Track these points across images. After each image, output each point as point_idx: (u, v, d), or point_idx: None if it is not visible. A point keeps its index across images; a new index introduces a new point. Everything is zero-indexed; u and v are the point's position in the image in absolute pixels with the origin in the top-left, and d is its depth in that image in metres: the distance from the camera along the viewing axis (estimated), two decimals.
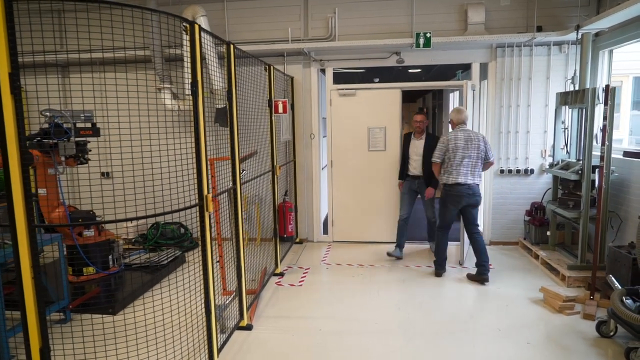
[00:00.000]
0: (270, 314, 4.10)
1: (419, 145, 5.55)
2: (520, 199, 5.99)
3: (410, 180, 5.66)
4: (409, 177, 5.67)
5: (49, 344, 2.40)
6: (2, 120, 2.16)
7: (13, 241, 2.28)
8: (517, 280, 4.79)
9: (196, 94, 2.80)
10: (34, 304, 2.33)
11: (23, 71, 6.50)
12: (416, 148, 5.56)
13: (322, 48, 5.99)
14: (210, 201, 2.90)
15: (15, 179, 2.23)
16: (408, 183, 5.67)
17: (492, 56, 5.92)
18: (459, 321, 3.87)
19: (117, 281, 4.71)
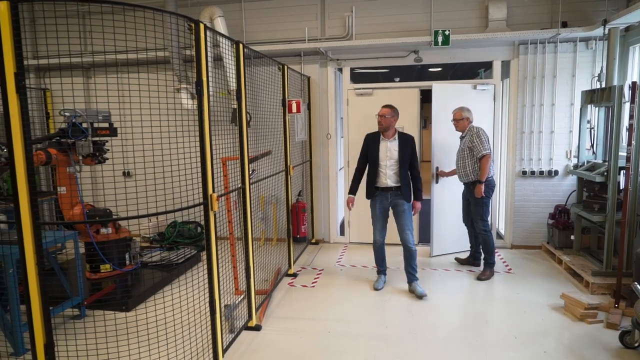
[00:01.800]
0: (280, 314, 4.07)
1: (391, 148, 4.43)
2: (544, 202, 5.77)
3: (381, 194, 4.46)
4: (378, 191, 4.47)
5: (53, 340, 2.43)
6: (8, 119, 2.21)
7: (19, 239, 2.32)
8: (537, 286, 4.61)
9: (201, 93, 2.79)
10: (38, 301, 2.37)
11: (49, 73, 6.71)
12: (389, 151, 4.43)
13: (339, 47, 5.94)
14: (215, 200, 2.89)
15: (20, 177, 2.27)
16: (377, 200, 4.49)
17: (514, 54, 5.72)
18: (472, 326, 3.75)
19: (132, 279, 4.78)
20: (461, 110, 4.92)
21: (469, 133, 4.86)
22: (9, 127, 2.22)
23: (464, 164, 4.89)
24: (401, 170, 4.38)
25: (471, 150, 4.80)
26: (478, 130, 4.79)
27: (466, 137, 4.89)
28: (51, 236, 3.78)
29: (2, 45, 2.15)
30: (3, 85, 2.18)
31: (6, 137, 2.25)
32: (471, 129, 4.86)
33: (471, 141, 4.79)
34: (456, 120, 4.96)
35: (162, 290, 4.57)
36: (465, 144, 4.88)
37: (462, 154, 4.92)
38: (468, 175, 4.86)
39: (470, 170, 4.83)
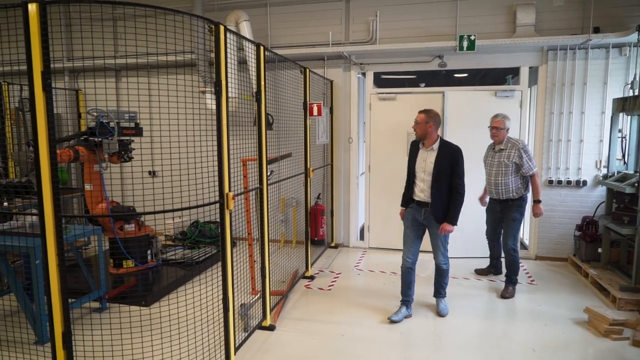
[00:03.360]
0: (295, 316, 4.08)
1: (428, 159, 3.87)
2: (571, 212, 5.59)
3: (415, 208, 3.97)
4: (414, 204, 4.00)
5: (71, 329, 2.52)
6: (35, 116, 2.31)
7: (41, 230, 2.42)
8: (561, 299, 4.46)
9: (219, 94, 2.85)
10: (58, 290, 2.46)
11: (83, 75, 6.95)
12: (424, 162, 3.89)
13: (362, 51, 5.94)
14: (230, 199, 2.93)
15: (44, 171, 2.36)
16: (411, 212, 4.01)
17: (542, 60, 5.59)
18: (489, 337, 3.66)
19: (153, 275, 4.90)
20: (504, 118, 4.42)
21: (512, 147, 4.38)
22: (36, 123, 2.33)
23: (507, 180, 4.40)
24: (435, 186, 3.78)
25: (518, 167, 4.35)
26: (524, 145, 4.37)
27: (509, 151, 4.38)
28: (78, 230, 3.92)
29: (31, 45, 2.26)
30: (31, 84, 2.29)
31: (33, 135, 2.36)
32: (514, 142, 4.39)
33: (519, 157, 4.32)
34: (496, 129, 4.41)
35: (184, 288, 4.65)
36: (509, 159, 4.36)
37: (504, 169, 4.40)
38: (510, 192, 4.41)
39: (513, 188, 4.39)
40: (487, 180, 4.62)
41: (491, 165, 4.53)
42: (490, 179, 4.55)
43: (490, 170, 4.55)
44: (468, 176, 3.93)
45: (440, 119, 3.97)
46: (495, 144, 4.51)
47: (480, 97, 5.72)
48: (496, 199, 4.59)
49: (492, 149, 4.57)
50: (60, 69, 6.81)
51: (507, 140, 4.43)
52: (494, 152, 4.52)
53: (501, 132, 4.44)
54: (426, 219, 3.93)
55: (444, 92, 5.85)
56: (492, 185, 4.54)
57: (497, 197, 4.55)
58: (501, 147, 4.42)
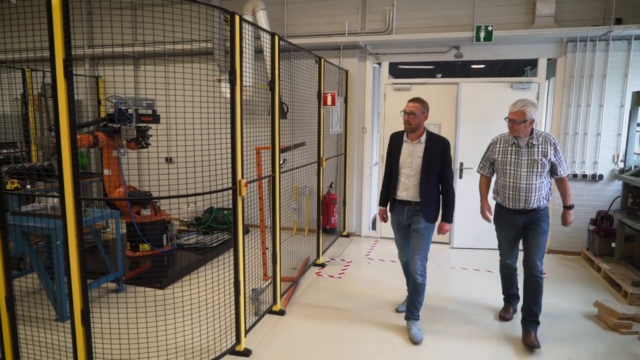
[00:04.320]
0: (305, 301, 4.16)
1: (415, 152, 3.46)
2: (586, 207, 5.53)
3: (398, 208, 3.58)
4: (397, 204, 3.59)
5: (89, 306, 2.64)
6: (56, 102, 2.40)
7: (62, 212, 2.53)
8: (572, 293, 4.45)
9: (234, 82, 2.91)
10: (77, 270, 2.58)
11: (103, 62, 7.10)
12: (410, 157, 3.48)
13: (378, 41, 5.93)
14: (243, 186, 3.01)
15: (65, 156, 2.46)
16: (395, 213, 3.64)
17: (561, 51, 5.49)
18: (497, 327, 3.69)
19: (169, 259, 5.04)
20: (525, 107, 3.30)
21: (545, 141, 3.37)
22: (57, 109, 2.42)
23: (541, 184, 3.38)
24: (425, 181, 3.42)
25: (554, 166, 3.40)
26: (555, 140, 3.39)
27: (543, 146, 3.37)
28: (97, 214, 4.06)
29: (53, 33, 2.34)
30: (53, 71, 2.38)
31: (55, 120, 2.46)
32: (546, 136, 3.40)
33: (555, 154, 3.35)
34: (516, 123, 3.33)
35: (197, 271, 4.77)
36: (546, 157, 3.35)
37: (539, 169, 3.37)
38: (541, 199, 3.41)
39: (546, 193, 3.43)
40: (507, 185, 3.48)
41: (517, 165, 3.42)
42: (514, 182, 3.43)
43: (514, 171, 3.43)
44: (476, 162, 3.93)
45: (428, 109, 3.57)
46: (519, 139, 3.43)
47: (495, 89, 5.67)
48: (519, 210, 3.47)
49: (514, 144, 3.45)
50: (81, 56, 6.96)
51: (537, 133, 3.40)
52: (519, 149, 3.42)
53: (523, 126, 3.33)
54: (410, 218, 3.51)
55: (458, 83, 5.81)
56: (517, 192, 3.43)
57: (522, 207, 3.44)
58: (532, 141, 3.37)
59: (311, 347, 3.35)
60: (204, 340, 3.20)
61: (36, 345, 3.02)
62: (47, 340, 3.12)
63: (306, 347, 3.35)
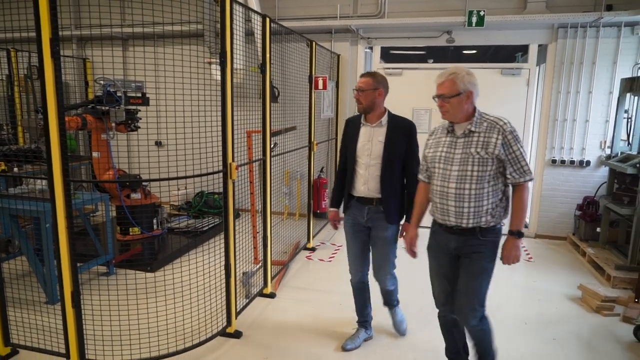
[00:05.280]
0: (295, 285, 4.21)
1: (375, 137, 2.84)
2: (573, 192, 5.62)
3: (356, 206, 2.95)
4: (354, 202, 2.96)
5: (79, 288, 2.64)
6: (44, 83, 2.36)
7: (50, 194, 2.51)
8: (557, 276, 4.54)
9: (224, 64, 2.88)
10: (67, 253, 2.57)
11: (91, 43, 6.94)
12: (369, 143, 2.85)
13: (370, 25, 5.89)
14: (234, 169, 3.00)
15: (54, 138, 2.43)
16: (352, 213, 2.99)
17: (552, 37, 5.51)
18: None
19: (159, 242, 5.03)
20: (455, 74, 2.33)
21: (491, 128, 2.29)
22: (44, 90, 2.38)
23: (478, 191, 2.29)
24: (387, 172, 2.79)
25: (502, 166, 2.29)
26: (508, 127, 2.29)
27: (486, 134, 2.28)
28: (86, 197, 4.03)
29: (39, 12, 2.29)
30: (40, 51, 2.34)
31: (42, 101, 2.42)
32: (494, 121, 2.30)
33: (506, 147, 2.26)
34: (446, 98, 2.33)
35: (188, 255, 4.78)
36: (486, 150, 2.26)
37: (475, 168, 2.27)
38: (481, 214, 2.30)
39: (489, 206, 2.30)
40: (435, 190, 2.43)
41: (447, 162, 2.36)
42: (441, 186, 2.37)
43: (444, 170, 2.37)
44: None
45: (388, 86, 2.89)
46: (455, 125, 2.37)
47: (485, 75, 5.69)
48: (452, 228, 2.39)
49: (449, 133, 2.40)
50: (68, 37, 6.82)
51: (481, 117, 2.34)
52: (455, 139, 2.36)
53: (454, 102, 2.29)
54: (371, 220, 2.89)
55: (448, 68, 5.79)
56: (445, 199, 2.36)
57: (454, 224, 2.37)
58: (470, 127, 2.31)
59: (301, 329, 3.40)
60: (194, 322, 3.23)
61: (26, 327, 3.02)
62: (38, 323, 3.12)
63: (296, 329, 3.39)
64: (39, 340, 2.94)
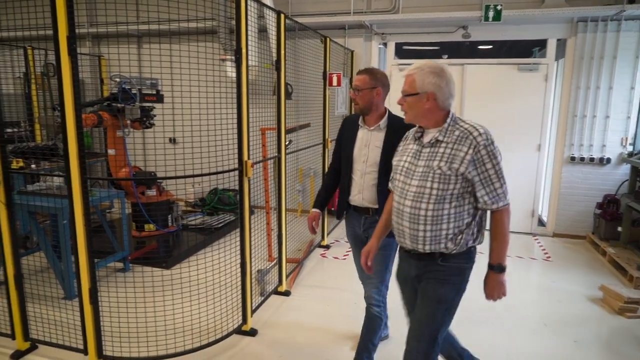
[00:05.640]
0: (310, 283, 4.18)
1: (372, 142, 2.54)
2: (593, 190, 5.50)
3: (353, 216, 2.68)
4: (351, 210, 2.69)
5: (97, 285, 2.65)
6: (61, 80, 2.37)
7: (68, 191, 2.52)
8: (576, 276, 4.45)
9: (240, 62, 2.86)
10: (85, 249, 2.58)
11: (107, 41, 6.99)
12: (366, 148, 2.56)
13: (384, 21, 5.82)
14: (249, 167, 2.98)
15: (71, 135, 2.44)
16: (349, 222, 2.74)
17: (571, 31, 5.38)
18: (499, 309, 3.69)
19: (174, 239, 5.05)
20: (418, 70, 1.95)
21: (463, 139, 1.89)
22: (62, 87, 2.39)
23: (438, 212, 1.93)
24: (384, 182, 2.38)
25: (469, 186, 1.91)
26: (490, 139, 1.89)
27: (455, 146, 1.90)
28: (102, 194, 4.06)
29: (56, 10, 2.30)
30: (57, 49, 2.34)
31: (59, 99, 2.43)
32: (465, 130, 1.91)
33: (477, 164, 1.87)
34: (404, 94, 2.01)
35: (203, 252, 4.79)
36: (451, 164, 1.89)
37: (436, 185, 1.91)
38: (440, 240, 1.96)
39: (450, 230, 1.94)
40: (394, 206, 2.09)
41: (408, 175, 2.01)
42: (398, 203, 2.04)
43: (403, 184, 2.03)
44: None
45: (389, 83, 2.56)
46: (425, 131, 2.04)
47: (501, 71, 5.60)
48: (411, 252, 2.08)
49: (416, 140, 2.06)
50: (83, 34, 6.87)
51: (453, 123, 1.95)
52: (420, 147, 2.02)
53: (412, 103, 1.97)
54: (367, 230, 2.57)
55: (463, 65, 5.73)
56: (400, 219, 2.03)
57: (410, 248, 2.05)
58: (437, 135, 1.95)
59: (316, 328, 3.38)
60: (210, 319, 3.22)
61: (45, 322, 3.05)
62: (56, 318, 3.15)
63: (311, 328, 3.37)
64: (57, 335, 2.96)
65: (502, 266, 2.01)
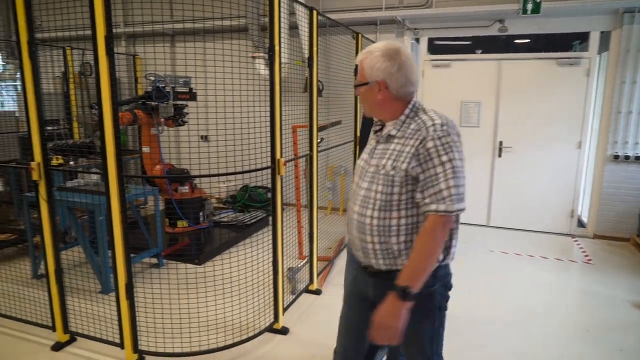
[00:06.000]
0: (340, 282, 4.09)
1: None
2: (637, 190, 5.23)
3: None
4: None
5: (133, 280, 2.69)
6: (99, 79, 2.41)
7: (106, 189, 2.56)
8: (619, 281, 4.24)
9: (273, 59, 2.84)
10: (122, 246, 2.62)
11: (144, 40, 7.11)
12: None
13: (417, 16, 5.69)
14: (282, 165, 2.97)
15: (108, 133, 2.48)
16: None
17: (616, 23, 5.12)
18: (538, 314, 3.56)
19: (205, 236, 5.11)
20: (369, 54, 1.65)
21: (412, 131, 1.58)
22: (99, 86, 2.43)
23: (382, 222, 1.61)
24: None
25: (416, 180, 1.56)
26: (444, 132, 1.52)
27: (401, 141, 1.60)
28: (137, 191, 4.13)
29: (95, 11, 2.33)
30: (95, 48, 2.38)
31: (97, 97, 2.47)
32: (421, 122, 1.57)
33: (421, 160, 1.53)
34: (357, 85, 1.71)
35: (235, 249, 4.82)
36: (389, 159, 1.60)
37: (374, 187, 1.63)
38: (391, 254, 1.62)
39: (402, 245, 1.61)
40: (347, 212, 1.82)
41: (361, 174, 1.72)
42: (350, 208, 1.75)
43: (356, 185, 1.74)
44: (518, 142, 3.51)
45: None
46: (385, 124, 1.72)
47: (540, 66, 5.40)
48: (364, 268, 1.74)
49: (375, 133, 1.78)
50: (119, 34, 7.03)
51: (413, 115, 1.63)
52: (376, 143, 1.72)
53: (364, 93, 1.69)
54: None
55: (499, 59, 5.56)
56: (351, 227, 1.73)
57: (366, 263, 1.71)
58: (390, 130, 1.65)
59: None
60: (242, 317, 3.24)
61: (83, 315, 3.13)
62: (93, 312, 3.23)
63: None
64: (94, 329, 3.04)
65: (406, 291, 1.48)
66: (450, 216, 1.50)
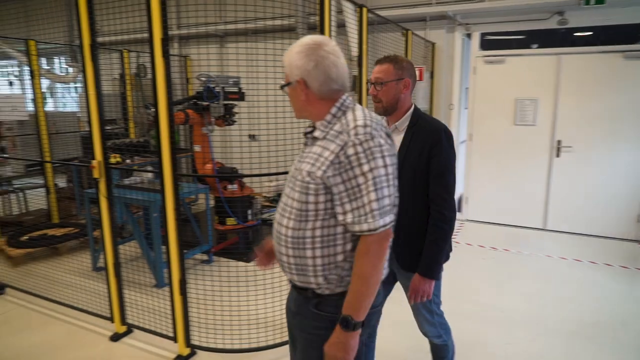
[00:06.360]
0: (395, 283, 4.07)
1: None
2: None
3: None
4: None
5: (186, 277, 2.77)
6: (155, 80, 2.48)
7: (161, 187, 2.64)
8: None
9: None
10: (175, 242, 2.70)
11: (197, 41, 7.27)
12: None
13: (469, 10, 5.50)
14: None
15: (164, 133, 2.55)
16: None
17: None
18: (605, 326, 3.33)
19: (253, 233, 5.19)
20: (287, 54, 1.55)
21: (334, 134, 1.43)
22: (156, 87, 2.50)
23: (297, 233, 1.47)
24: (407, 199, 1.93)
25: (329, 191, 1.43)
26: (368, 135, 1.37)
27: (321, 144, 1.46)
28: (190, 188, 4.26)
29: (151, 14, 2.40)
30: (152, 51, 2.45)
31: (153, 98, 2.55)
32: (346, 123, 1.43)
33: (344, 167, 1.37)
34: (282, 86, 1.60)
35: None
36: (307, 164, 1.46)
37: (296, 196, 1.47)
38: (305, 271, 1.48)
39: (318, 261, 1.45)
40: None
41: (290, 179, 1.55)
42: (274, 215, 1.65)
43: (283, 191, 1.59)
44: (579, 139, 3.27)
45: (416, 74, 2.16)
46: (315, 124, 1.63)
47: (604, 60, 5.07)
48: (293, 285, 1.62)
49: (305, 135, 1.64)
50: (171, 36, 7.28)
51: (340, 115, 1.48)
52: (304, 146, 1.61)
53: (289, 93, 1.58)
54: None
55: (558, 53, 5.27)
56: (272, 236, 1.62)
57: (289, 277, 1.58)
58: (315, 131, 1.52)
59: (389, 330, 3.28)
60: None
61: (139, 308, 3.25)
62: (149, 305, 3.35)
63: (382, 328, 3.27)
64: (149, 322, 3.15)
65: (349, 321, 1.38)
66: (384, 231, 1.36)
